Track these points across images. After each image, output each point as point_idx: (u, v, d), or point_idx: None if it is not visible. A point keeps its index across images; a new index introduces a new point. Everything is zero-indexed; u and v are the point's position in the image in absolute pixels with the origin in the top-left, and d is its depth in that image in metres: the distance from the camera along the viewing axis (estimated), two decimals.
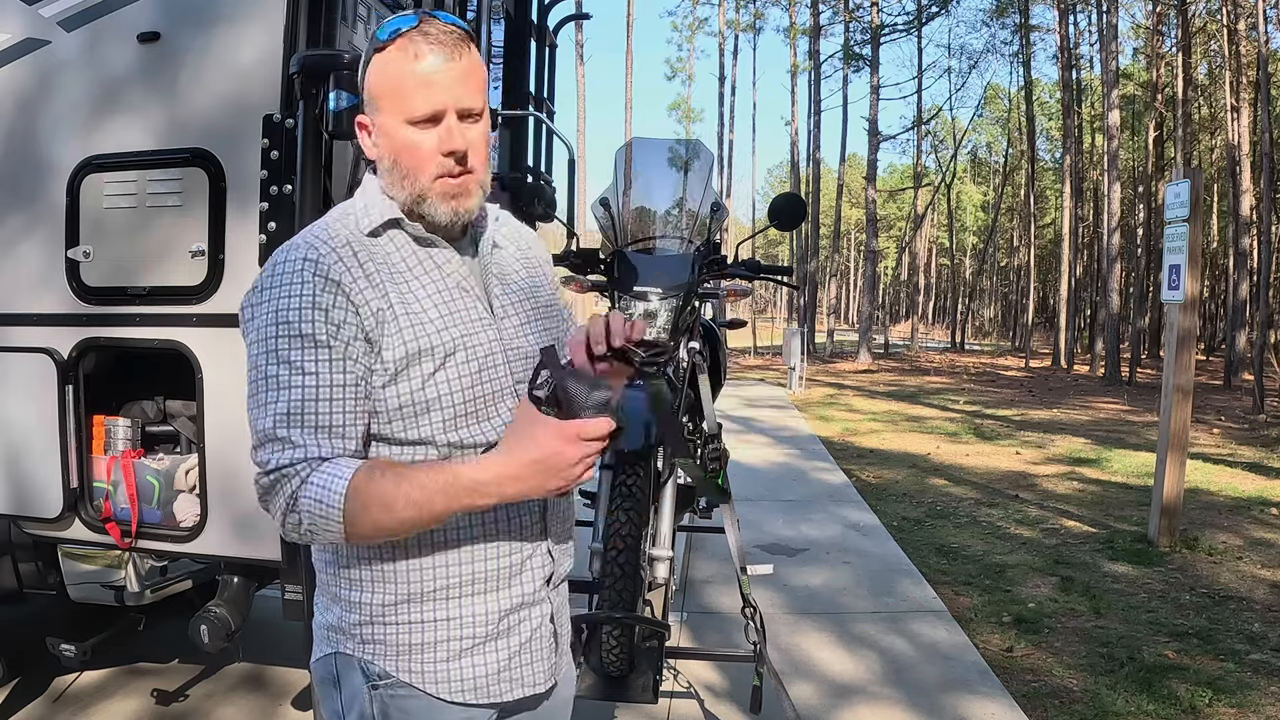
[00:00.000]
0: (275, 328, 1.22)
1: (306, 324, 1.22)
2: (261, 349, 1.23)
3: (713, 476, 2.86)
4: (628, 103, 29.88)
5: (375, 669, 1.32)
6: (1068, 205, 23.53)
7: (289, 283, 1.23)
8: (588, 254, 3.19)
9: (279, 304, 1.23)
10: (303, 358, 1.22)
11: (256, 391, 1.23)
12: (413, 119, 1.25)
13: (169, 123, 2.46)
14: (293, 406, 1.21)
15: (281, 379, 1.22)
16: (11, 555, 2.72)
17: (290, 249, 1.28)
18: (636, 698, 2.63)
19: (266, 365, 1.22)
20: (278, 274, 1.25)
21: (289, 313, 1.22)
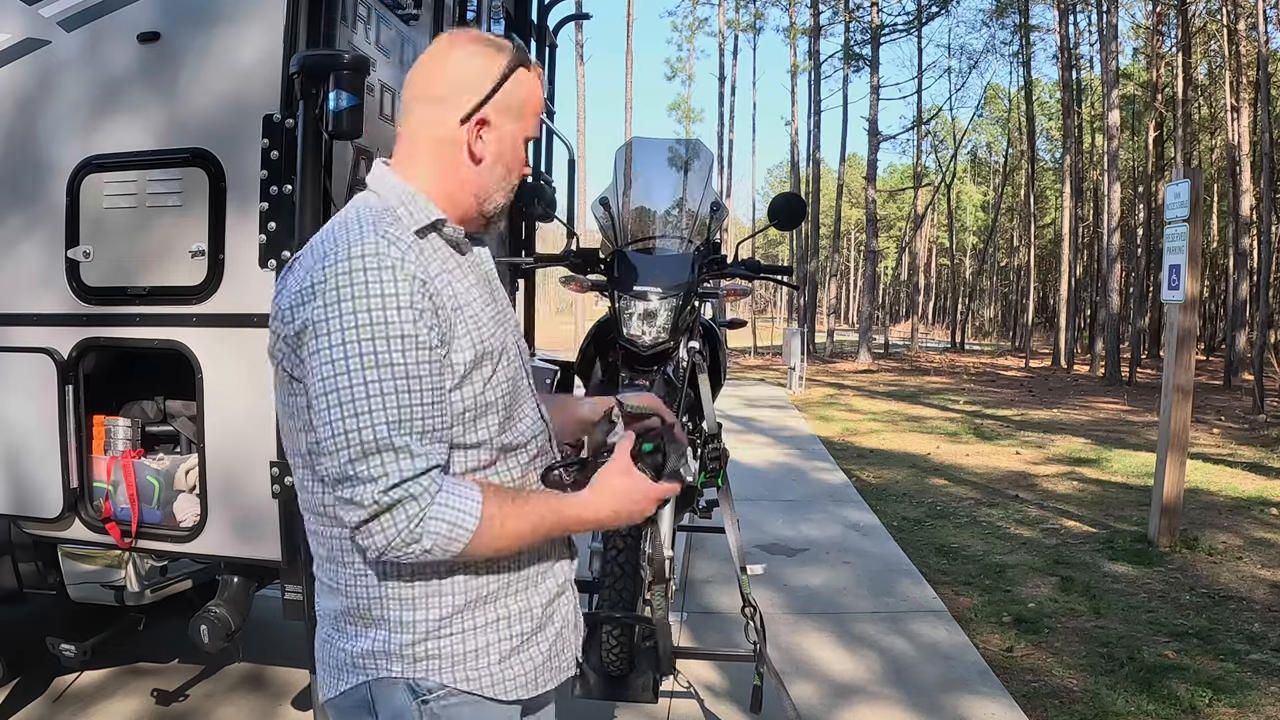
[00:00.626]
0: (370, 329, 1.16)
1: (408, 324, 1.17)
2: (353, 352, 1.15)
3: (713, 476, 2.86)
4: (628, 103, 29.89)
5: (425, 684, 1.29)
6: (1068, 205, 23.53)
7: (374, 280, 1.17)
8: (588, 254, 3.19)
9: (368, 304, 1.16)
10: (405, 359, 1.17)
11: (352, 399, 1.15)
12: (528, 137, 1.40)
13: (169, 123, 2.46)
14: (403, 413, 1.16)
15: (385, 383, 1.15)
16: (11, 555, 2.72)
17: (362, 245, 1.20)
18: (636, 697, 2.63)
19: (363, 370, 1.15)
20: (355, 271, 1.17)
21: (383, 312, 1.16)
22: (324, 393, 1.17)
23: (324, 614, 1.36)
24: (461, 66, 1.31)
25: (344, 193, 2.57)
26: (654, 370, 2.84)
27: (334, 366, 1.17)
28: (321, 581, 1.35)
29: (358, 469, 1.16)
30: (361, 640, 1.30)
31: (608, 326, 3.04)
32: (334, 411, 1.17)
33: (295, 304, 1.21)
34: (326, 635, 1.36)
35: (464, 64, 1.31)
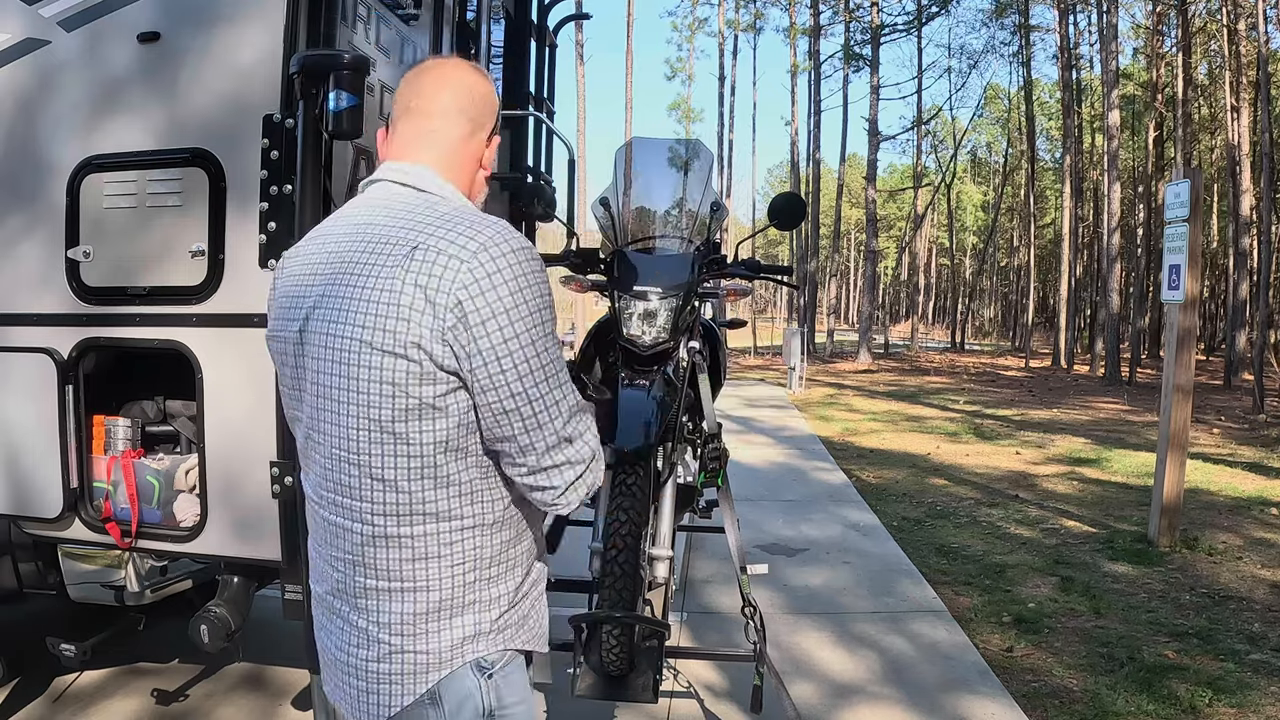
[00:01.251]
0: (550, 311, 1.32)
1: (548, 305, 1.32)
2: (543, 331, 1.29)
3: (713, 476, 2.86)
4: (628, 103, 29.89)
5: (489, 660, 1.38)
6: (1068, 205, 23.54)
7: (539, 266, 1.32)
8: (588, 254, 3.19)
9: (539, 287, 1.30)
10: (550, 343, 1.33)
11: (556, 371, 1.31)
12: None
13: (169, 123, 2.46)
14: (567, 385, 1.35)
15: (557, 354, 1.34)
16: (11, 555, 2.72)
17: (523, 240, 1.32)
18: (636, 697, 2.62)
19: (551, 345, 1.31)
20: (534, 259, 1.31)
21: (549, 297, 1.32)
22: (527, 371, 1.27)
23: (393, 622, 1.35)
24: (488, 93, 1.48)
25: (344, 192, 2.57)
26: (654, 370, 2.84)
27: (530, 336, 1.28)
28: (395, 588, 1.34)
29: (571, 430, 1.33)
30: (447, 632, 1.35)
31: (608, 326, 3.04)
32: (541, 386, 1.29)
33: (467, 295, 1.24)
34: (395, 645, 1.35)
35: (488, 91, 1.48)
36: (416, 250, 1.26)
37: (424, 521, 1.32)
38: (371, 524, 1.33)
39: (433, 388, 1.26)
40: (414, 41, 3.03)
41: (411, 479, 1.31)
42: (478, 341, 1.24)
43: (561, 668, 2.72)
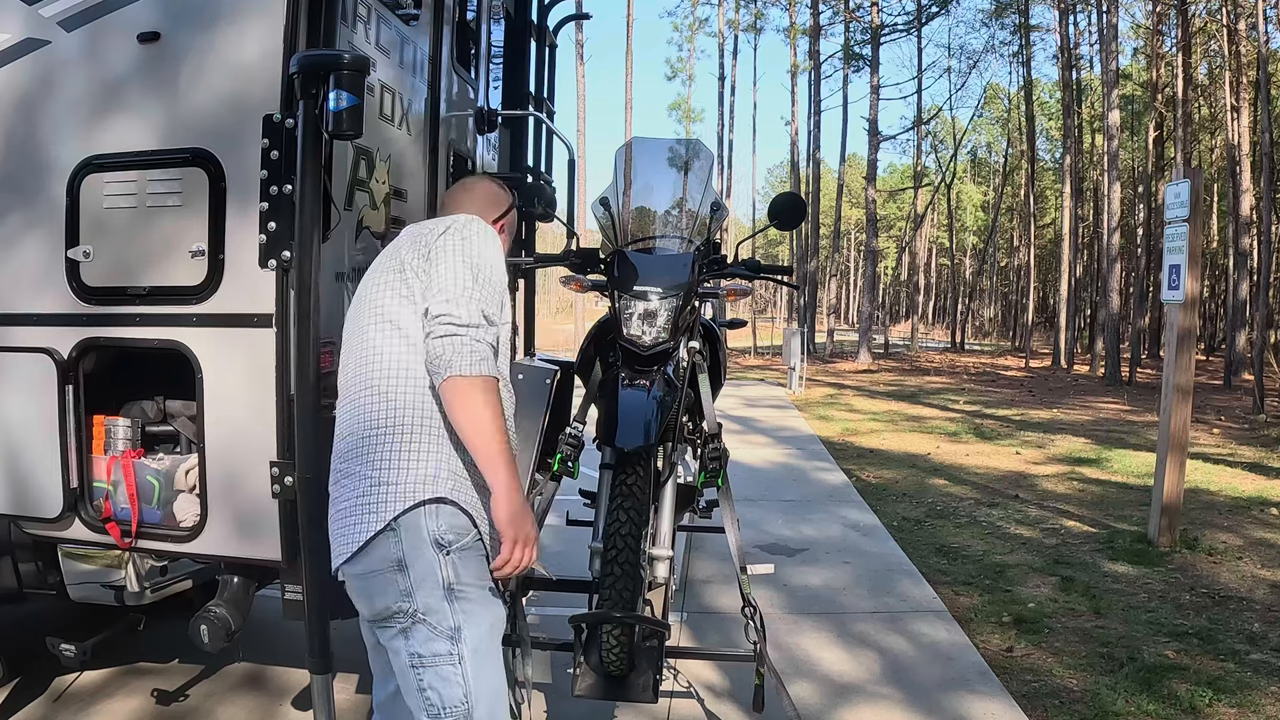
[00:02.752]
0: (488, 243, 2.02)
1: (499, 257, 2.05)
2: (476, 248, 1.98)
3: (713, 476, 2.86)
4: (628, 103, 29.88)
5: (447, 538, 1.88)
6: (1068, 205, 23.54)
7: (489, 234, 2.06)
8: (588, 254, 3.19)
9: (486, 238, 2.03)
10: (499, 271, 2.02)
11: (472, 270, 1.94)
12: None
13: (169, 123, 2.46)
14: (491, 293, 1.97)
15: (484, 274, 1.97)
16: (11, 555, 2.72)
17: (487, 228, 2.10)
18: (636, 697, 2.62)
19: (478, 258, 1.97)
20: (482, 226, 2.07)
21: (494, 245, 2.05)
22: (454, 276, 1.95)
23: (343, 476, 2.00)
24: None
25: (344, 192, 2.57)
26: (654, 370, 2.84)
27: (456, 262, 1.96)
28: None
29: (457, 298, 1.91)
30: (419, 468, 1.93)
31: (608, 326, 3.04)
32: (459, 284, 1.93)
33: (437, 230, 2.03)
34: (351, 494, 1.96)
35: (491, 189, 2.49)
36: None
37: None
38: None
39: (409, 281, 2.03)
40: (414, 41, 3.03)
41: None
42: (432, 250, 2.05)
43: (561, 668, 2.72)
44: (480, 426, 1.82)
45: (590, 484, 2.98)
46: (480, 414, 1.82)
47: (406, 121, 2.98)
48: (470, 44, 3.59)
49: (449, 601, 1.88)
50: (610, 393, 2.76)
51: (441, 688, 1.88)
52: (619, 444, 2.62)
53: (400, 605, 1.88)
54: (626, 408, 2.68)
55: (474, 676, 1.89)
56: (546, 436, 3.26)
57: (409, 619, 1.88)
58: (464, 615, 1.90)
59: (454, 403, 1.84)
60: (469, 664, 1.89)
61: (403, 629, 1.89)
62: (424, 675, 1.89)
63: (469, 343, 1.84)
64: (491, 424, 1.82)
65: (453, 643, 1.88)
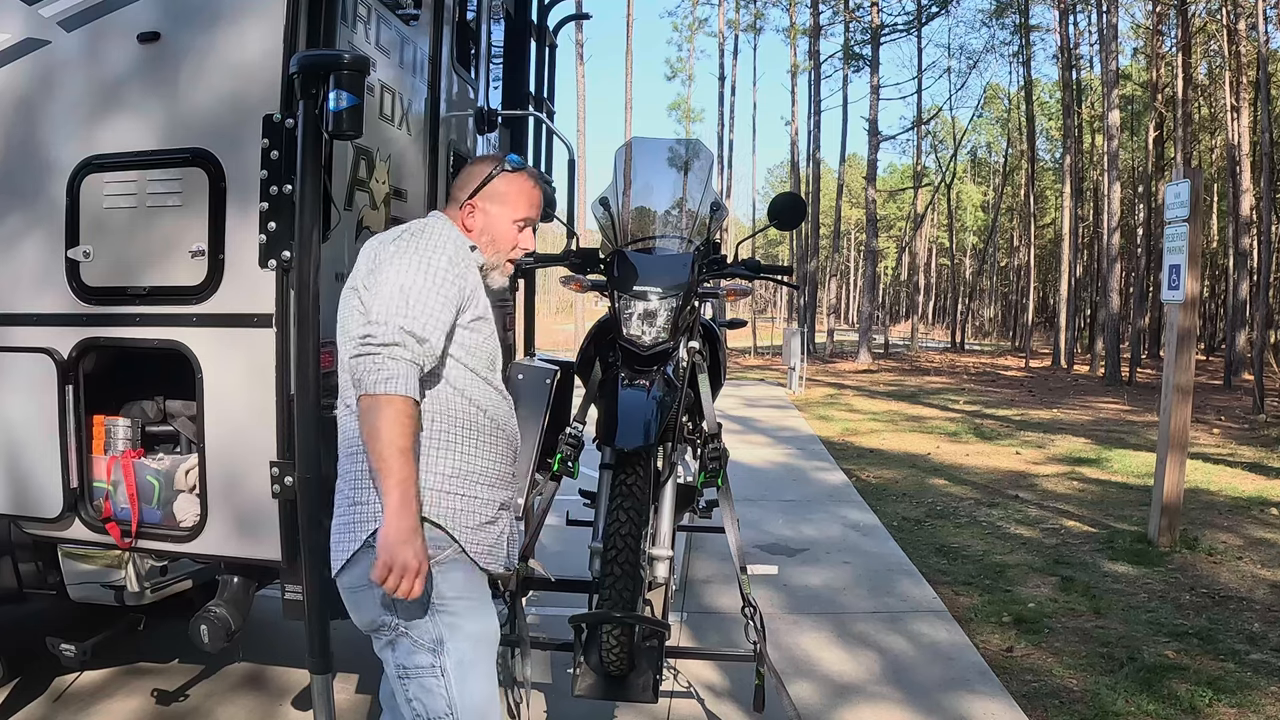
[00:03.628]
0: (429, 256, 1.93)
1: (445, 263, 1.94)
2: (413, 264, 1.90)
3: (712, 476, 2.86)
4: (627, 103, 29.88)
5: (428, 550, 1.83)
6: (1068, 205, 23.53)
7: (439, 241, 1.98)
8: (587, 254, 3.19)
9: (433, 247, 1.95)
10: (437, 281, 1.91)
11: (398, 287, 1.87)
12: (518, 219, 2.16)
13: (169, 123, 2.46)
14: (422, 305, 1.87)
15: (418, 285, 1.88)
16: (11, 555, 2.72)
17: (432, 227, 2.05)
18: (636, 697, 2.62)
19: (413, 274, 1.89)
20: (429, 234, 2.00)
21: (439, 254, 1.95)
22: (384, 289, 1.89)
23: (343, 480, 1.98)
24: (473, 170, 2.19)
25: (344, 192, 2.57)
26: (654, 370, 2.84)
27: (393, 277, 1.90)
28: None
29: (381, 333, 1.84)
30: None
31: (608, 326, 3.04)
32: (386, 299, 1.88)
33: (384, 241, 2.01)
34: (345, 499, 1.97)
35: (474, 168, 2.19)
36: None
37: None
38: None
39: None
40: (414, 41, 3.03)
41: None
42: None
43: (561, 668, 2.72)
44: (375, 446, 1.78)
45: (590, 484, 2.98)
46: (378, 434, 1.78)
47: (406, 121, 2.98)
48: (470, 44, 3.59)
49: (430, 615, 1.90)
50: (610, 393, 2.76)
51: (425, 699, 1.90)
52: (619, 444, 2.62)
53: (383, 619, 1.90)
54: (626, 408, 2.68)
55: (458, 688, 1.90)
56: (546, 436, 3.26)
57: (392, 631, 1.90)
58: (447, 628, 1.91)
59: (361, 420, 1.83)
60: (452, 676, 1.90)
61: (389, 641, 1.92)
62: (409, 686, 1.92)
63: (382, 361, 1.80)
64: (387, 445, 1.77)
65: (435, 655, 1.90)
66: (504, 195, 2.12)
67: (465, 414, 1.98)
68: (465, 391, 1.99)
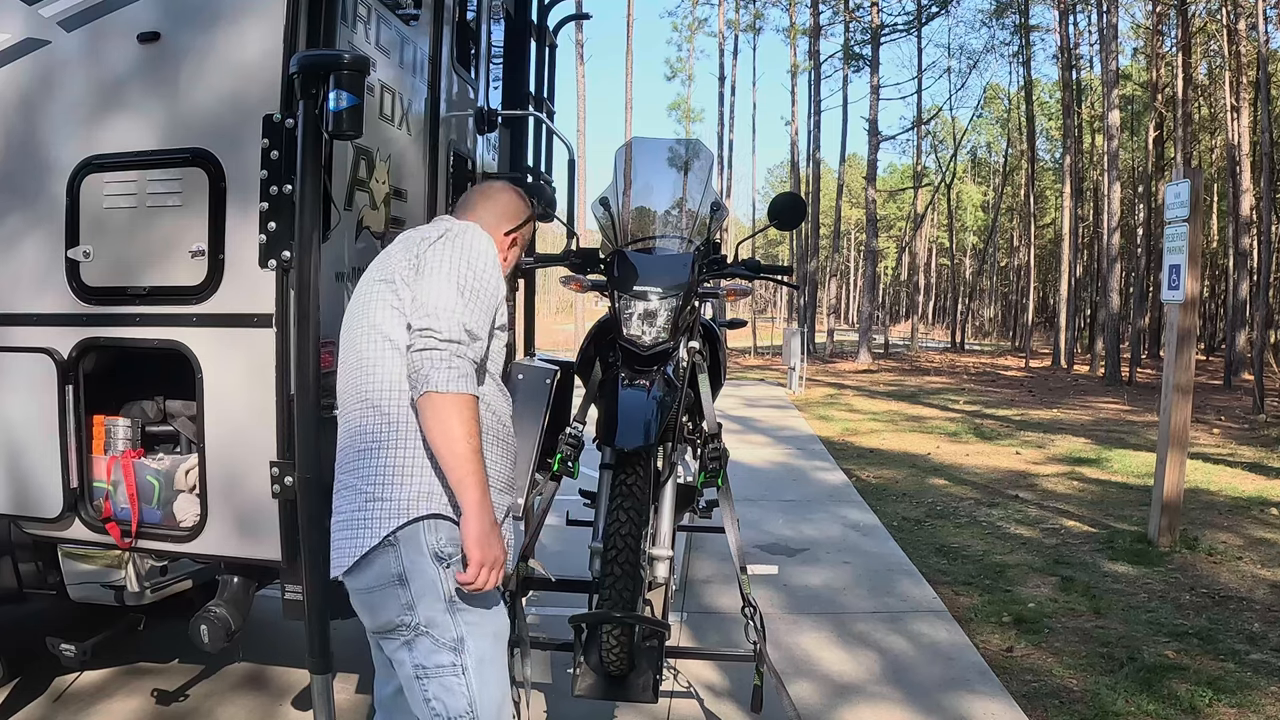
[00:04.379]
0: (482, 255, 1.98)
1: (493, 265, 2.00)
2: (467, 258, 1.95)
3: (713, 476, 2.86)
4: (628, 103, 29.88)
5: (446, 551, 1.87)
6: (1068, 205, 23.53)
7: (484, 241, 2.02)
8: (587, 254, 3.19)
9: (480, 247, 1.99)
10: (488, 280, 1.97)
11: (455, 279, 1.91)
12: (506, 231, 2.26)
13: (169, 123, 2.46)
14: (478, 302, 1.92)
15: (472, 283, 1.93)
16: (11, 555, 2.72)
17: (475, 228, 2.07)
18: (636, 697, 2.62)
19: (465, 269, 1.93)
20: (472, 233, 2.02)
21: (488, 253, 1.99)
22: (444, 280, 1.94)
23: (345, 487, 2.02)
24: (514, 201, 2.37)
25: (344, 192, 2.57)
26: (654, 370, 2.84)
27: (447, 268, 1.94)
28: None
29: (440, 311, 1.89)
30: (414, 482, 1.93)
31: (608, 326, 3.04)
32: (445, 291, 1.91)
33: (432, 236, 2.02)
34: (350, 507, 1.98)
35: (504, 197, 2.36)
36: None
37: None
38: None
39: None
40: (414, 41, 3.03)
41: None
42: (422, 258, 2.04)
43: (561, 668, 2.72)
44: (452, 445, 1.80)
45: (590, 484, 2.98)
46: (453, 432, 1.80)
47: (406, 121, 2.98)
48: (470, 44, 3.59)
49: (451, 614, 1.90)
50: (610, 393, 2.76)
51: (446, 698, 1.90)
52: (619, 444, 2.62)
53: (403, 619, 1.89)
54: (626, 408, 2.68)
55: (478, 686, 1.91)
56: (546, 436, 3.26)
57: (412, 631, 1.89)
58: (466, 626, 1.91)
59: (429, 419, 1.82)
60: (473, 674, 1.91)
61: (406, 641, 1.91)
62: (429, 686, 1.90)
63: (448, 358, 1.81)
64: (464, 443, 1.80)
65: (456, 654, 1.90)
66: (521, 242, 2.33)
67: (482, 418, 1.96)
68: (485, 394, 1.98)
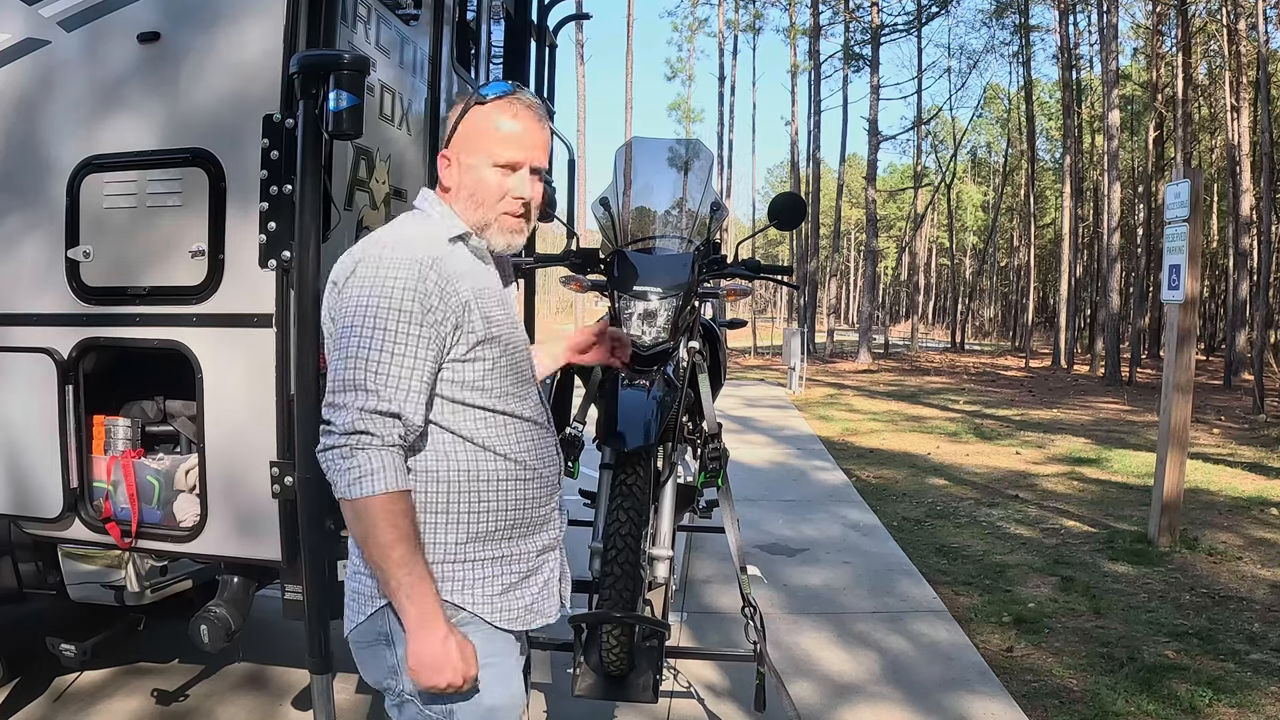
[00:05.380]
0: (382, 299, 1.49)
1: (407, 303, 1.50)
2: (364, 315, 1.49)
3: (713, 476, 2.86)
4: (628, 103, 29.89)
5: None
6: (1068, 205, 23.53)
7: (397, 268, 1.51)
8: (588, 254, 3.19)
9: (385, 283, 1.50)
10: (398, 329, 1.50)
11: (352, 349, 1.49)
12: (498, 163, 1.64)
13: (169, 123, 2.46)
14: (382, 368, 1.49)
15: (376, 342, 1.49)
16: (11, 555, 2.72)
17: (397, 242, 1.56)
18: (636, 697, 2.62)
19: (364, 329, 1.49)
20: (385, 260, 1.52)
21: (395, 291, 1.50)
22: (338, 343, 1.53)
23: (352, 544, 1.61)
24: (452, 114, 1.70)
25: (344, 192, 2.57)
26: (654, 370, 2.84)
27: (345, 324, 1.51)
28: None
29: (338, 397, 1.50)
30: None
31: None
32: (336, 355, 1.52)
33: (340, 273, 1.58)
34: (356, 565, 1.62)
35: (453, 111, 1.70)
36: None
37: None
38: None
39: None
40: (414, 41, 3.03)
41: None
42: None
43: (561, 668, 2.72)
44: (370, 555, 1.49)
45: (590, 484, 2.98)
46: (365, 541, 1.48)
47: (406, 121, 2.99)
48: (470, 44, 3.59)
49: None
50: (610, 393, 2.76)
51: None
52: (619, 444, 2.62)
53: (388, 683, 1.65)
54: (626, 408, 2.68)
55: None
56: None
57: (398, 696, 1.65)
58: (459, 698, 1.62)
59: (348, 523, 1.53)
60: None
61: (396, 704, 1.68)
62: None
63: (347, 454, 1.46)
64: (379, 553, 1.47)
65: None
66: (476, 138, 1.64)
67: (475, 468, 1.61)
68: (477, 437, 1.61)
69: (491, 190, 1.64)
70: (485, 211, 1.65)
